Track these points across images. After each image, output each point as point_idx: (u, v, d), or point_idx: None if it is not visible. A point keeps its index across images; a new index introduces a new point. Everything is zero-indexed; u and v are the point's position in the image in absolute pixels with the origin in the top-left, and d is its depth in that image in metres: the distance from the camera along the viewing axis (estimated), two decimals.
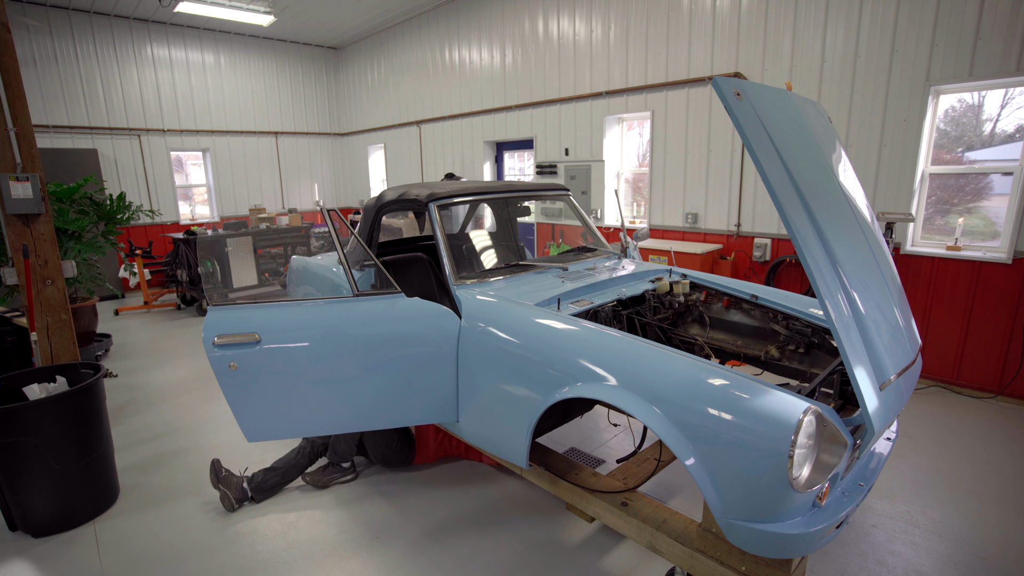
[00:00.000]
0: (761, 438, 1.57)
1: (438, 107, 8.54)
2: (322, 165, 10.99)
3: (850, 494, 1.83)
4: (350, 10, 8.37)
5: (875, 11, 4.16)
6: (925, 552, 2.45)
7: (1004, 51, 3.65)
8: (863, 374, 1.67)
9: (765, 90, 1.93)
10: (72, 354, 3.35)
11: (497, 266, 3.55)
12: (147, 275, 7.54)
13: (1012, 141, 3.92)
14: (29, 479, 2.57)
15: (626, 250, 3.42)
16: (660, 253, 5.17)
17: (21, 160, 3.08)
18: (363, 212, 3.28)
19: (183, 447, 3.55)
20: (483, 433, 2.43)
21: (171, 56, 8.82)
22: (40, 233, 3.20)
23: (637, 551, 2.48)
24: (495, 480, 3.08)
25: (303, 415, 2.37)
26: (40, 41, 7.62)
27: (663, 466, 2.44)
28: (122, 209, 5.50)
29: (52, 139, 7.81)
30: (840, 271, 1.77)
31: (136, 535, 2.68)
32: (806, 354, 2.61)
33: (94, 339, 5.38)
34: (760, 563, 1.79)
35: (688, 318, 3.12)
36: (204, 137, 9.31)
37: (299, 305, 2.36)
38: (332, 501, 2.92)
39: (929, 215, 4.34)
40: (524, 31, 6.92)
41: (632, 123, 6.31)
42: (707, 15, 5.13)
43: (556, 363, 2.07)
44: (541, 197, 3.66)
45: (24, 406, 2.50)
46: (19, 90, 3.06)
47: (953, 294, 4.13)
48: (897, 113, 4.16)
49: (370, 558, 2.47)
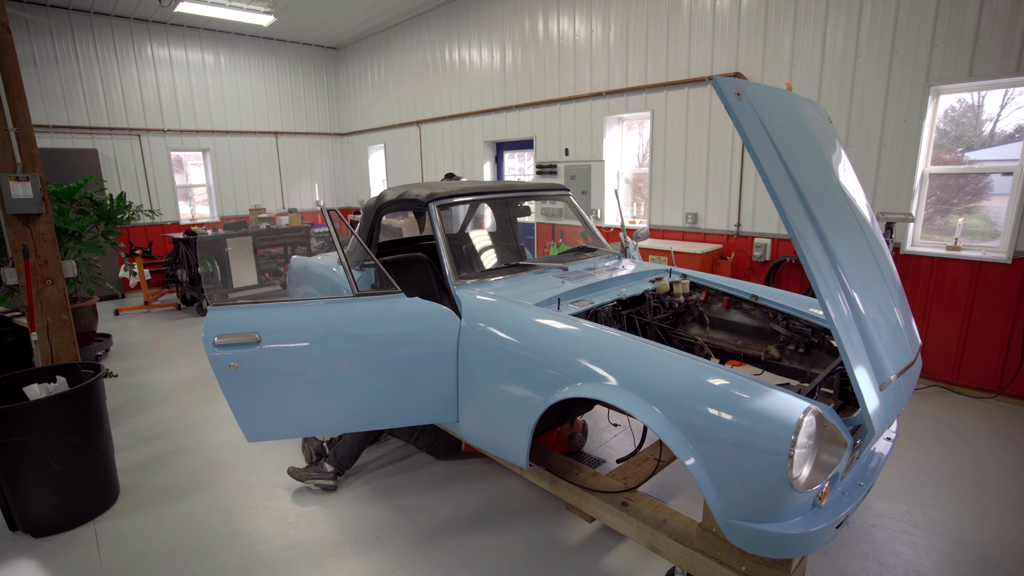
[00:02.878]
0: (761, 438, 1.57)
1: (438, 107, 8.54)
2: (322, 165, 10.99)
3: (850, 494, 1.83)
4: (350, 10, 8.37)
5: (875, 11, 4.16)
6: (925, 552, 2.45)
7: (1004, 51, 3.66)
8: (863, 374, 1.67)
9: (765, 90, 1.93)
10: (72, 354, 3.35)
11: (497, 266, 3.55)
12: (147, 275, 7.54)
13: (1012, 141, 3.92)
14: (29, 479, 2.57)
15: (626, 250, 3.42)
16: (660, 253, 5.17)
17: (21, 160, 3.08)
18: (363, 212, 3.28)
19: (183, 447, 3.56)
20: (483, 433, 2.43)
21: (171, 56, 8.82)
22: (40, 233, 3.20)
23: (637, 551, 2.48)
24: (495, 480, 3.08)
25: (303, 415, 2.37)
26: (40, 41, 7.62)
27: (663, 466, 2.45)
28: (122, 209, 5.50)
29: (52, 139, 7.81)
30: (840, 271, 1.77)
31: (136, 535, 2.68)
32: (806, 354, 2.61)
33: (94, 339, 5.38)
34: (760, 563, 1.79)
35: (688, 318, 3.12)
36: (204, 137, 9.31)
37: (299, 305, 2.36)
38: (332, 501, 2.92)
39: (929, 215, 4.34)
40: (524, 31, 6.92)
41: (632, 123, 6.31)
42: (707, 15, 5.13)
43: (556, 363, 2.07)
44: (541, 197, 3.66)
45: (24, 406, 2.50)
46: (19, 90, 3.06)
47: (953, 294, 4.13)
48: (897, 113, 4.16)
49: (370, 558, 2.47)
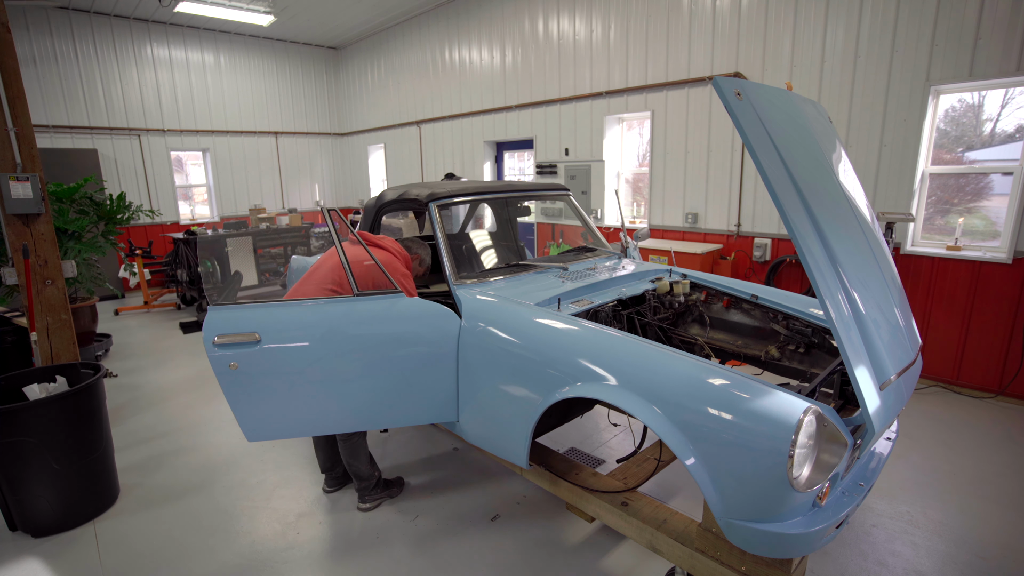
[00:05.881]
0: (761, 438, 1.57)
1: (438, 107, 8.54)
2: (322, 165, 10.98)
3: (850, 494, 1.83)
4: (350, 10, 8.37)
5: (875, 11, 4.16)
6: (925, 552, 2.45)
7: (1004, 51, 3.65)
8: (863, 374, 1.67)
9: (765, 90, 1.93)
10: (72, 354, 3.35)
11: (497, 266, 3.55)
12: (147, 275, 7.54)
13: (1012, 141, 3.92)
14: (29, 479, 2.57)
15: (626, 250, 3.42)
16: (660, 253, 5.17)
17: (21, 160, 3.08)
18: (363, 212, 3.28)
19: (183, 447, 3.55)
20: (483, 433, 2.43)
21: (171, 56, 8.81)
22: (40, 233, 3.20)
23: (637, 551, 2.48)
24: (495, 480, 3.08)
25: (303, 415, 2.37)
26: (40, 41, 7.61)
27: (663, 466, 2.45)
28: (122, 209, 5.50)
29: (52, 139, 7.81)
30: (840, 271, 1.77)
31: (136, 535, 2.68)
32: (806, 354, 2.61)
33: (94, 339, 5.38)
34: (760, 563, 1.79)
35: (688, 318, 3.12)
36: (204, 137, 9.31)
37: (299, 305, 2.36)
38: (332, 501, 2.92)
39: (929, 215, 4.34)
40: (524, 31, 6.92)
41: (632, 123, 6.30)
42: (707, 15, 5.13)
43: (556, 363, 2.07)
44: (541, 197, 3.66)
45: (24, 406, 2.50)
46: (19, 90, 3.06)
47: (953, 294, 4.13)
48: (897, 113, 4.16)
49: (370, 558, 2.47)
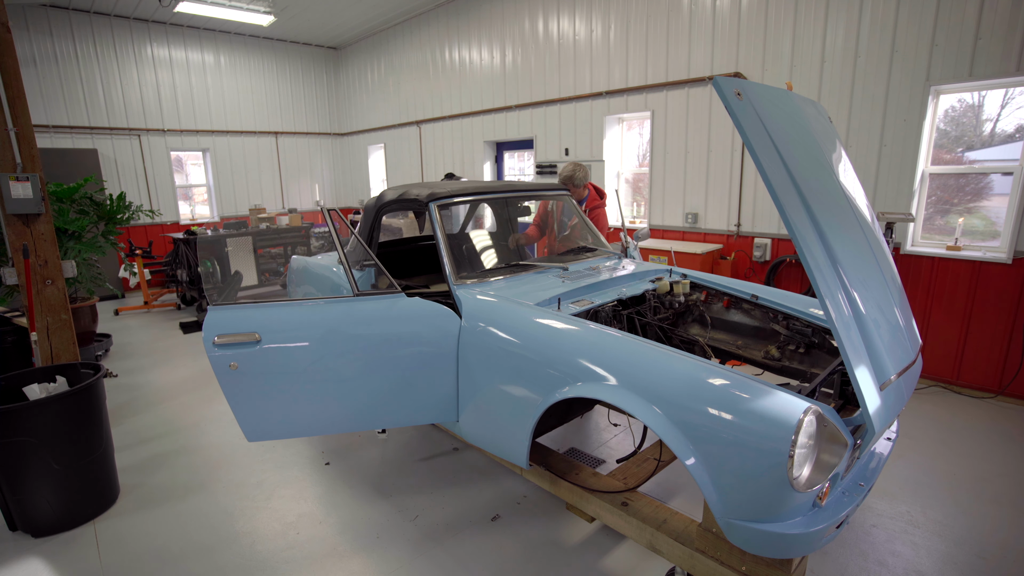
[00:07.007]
0: (761, 438, 1.57)
1: (438, 107, 8.54)
2: (322, 165, 10.98)
3: (850, 494, 1.83)
4: (350, 10, 8.37)
5: (875, 11, 4.16)
6: (925, 552, 2.45)
7: (1004, 51, 3.65)
8: (863, 374, 1.67)
9: (765, 90, 1.93)
10: (72, 354, 3.35)
11: (497, 266, 3.55)
12: (147, 275, 7.54)
13: (1012, 141, 3.92)
14: (29, 479, 2.57)
15: (626, 250, 3.42)
16: (660, 253, 5.17)
17: (21, 160, 3.08)
18: (363, 212, 3.29)
19: (183, 447, 3.55)
20: (483, 433, 2.43)
21: (171, 56, 8.81)
22: (40, 233, 3.20)
23: (637, 551, 2.48)
24: (495, 480, 3.08)
25: (303, 415, 2.37)
26: (40, 41, 7.61)
27: (663, 466, 2.45)
28: (122, 209, 5.50)
29: (52, 139, 7.81)
30: (840, 271, 1.77)
31: (136, 535, 2.68)
32: (806, 354, 2.61)
33: (94, 339, 5.37)
34: (760, 563, 1.79)
35: (688, 318, 3.12)
36: (204, 137, 9.31)
37: (299, 305, 2.36)
38: (332, 501, 2.92)
39: (929, 215, 4.34)
40: (524, 31, 6.92)
41: (632, 123, 6.30)
42: (707, 15, 5.13)
43: (556, 363, 2.07)
44: (541, 197, 3.66)
45: (24, 406, 2.50)
46: (19, 90, 3.06)
47: (953, 294, 4.13)
48: (897, 113, 4.16)
49: (370, 558, 2.47)
